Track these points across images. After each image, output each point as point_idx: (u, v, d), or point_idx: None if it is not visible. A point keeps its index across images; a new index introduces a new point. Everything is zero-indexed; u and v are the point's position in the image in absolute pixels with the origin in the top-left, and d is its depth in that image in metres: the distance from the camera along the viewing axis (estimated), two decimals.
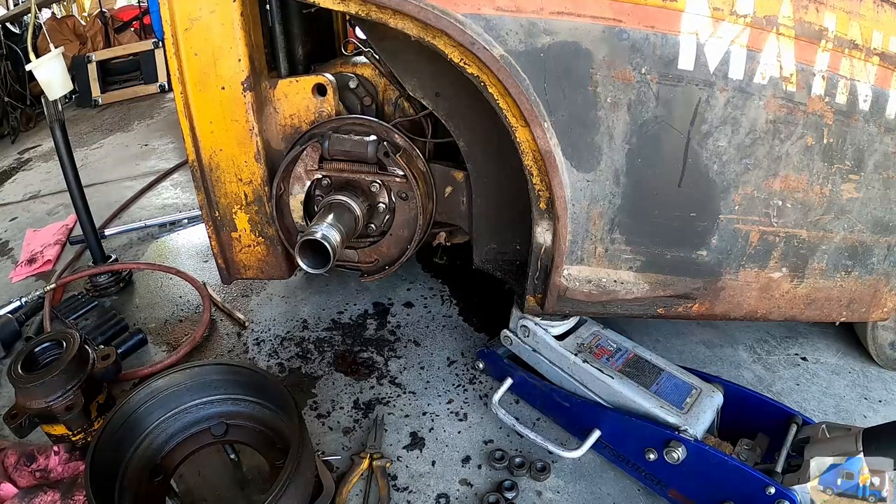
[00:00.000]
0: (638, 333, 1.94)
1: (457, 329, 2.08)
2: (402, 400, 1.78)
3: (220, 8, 1.40)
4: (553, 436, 1.61)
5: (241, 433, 1.49)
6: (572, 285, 1.42)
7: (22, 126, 4.79)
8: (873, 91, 1.26)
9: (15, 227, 3.13)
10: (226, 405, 1.50)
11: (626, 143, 1.26)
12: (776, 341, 1.98)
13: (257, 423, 1.48)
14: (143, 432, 1.43)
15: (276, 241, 1.72)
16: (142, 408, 1.42)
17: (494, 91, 1.25)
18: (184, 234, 2.86)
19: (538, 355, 1.64)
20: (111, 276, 2.39)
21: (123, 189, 3.46)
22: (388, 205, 1.67)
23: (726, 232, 1.35)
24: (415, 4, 1.18)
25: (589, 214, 1.34)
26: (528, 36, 1.18)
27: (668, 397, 1.42)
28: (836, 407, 1.73)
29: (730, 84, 1.20)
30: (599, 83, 1.21)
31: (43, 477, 1.48)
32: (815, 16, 1.19)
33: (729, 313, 1.47)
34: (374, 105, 1.70)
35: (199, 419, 1.49)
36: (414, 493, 1.50)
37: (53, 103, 2.08)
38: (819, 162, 1.30)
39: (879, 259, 1.45)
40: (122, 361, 1.67)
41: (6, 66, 4.79)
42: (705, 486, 1.33)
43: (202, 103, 1.51)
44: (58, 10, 6.50)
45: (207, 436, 1.48)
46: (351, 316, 2.16)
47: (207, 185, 1.63)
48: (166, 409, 1.46)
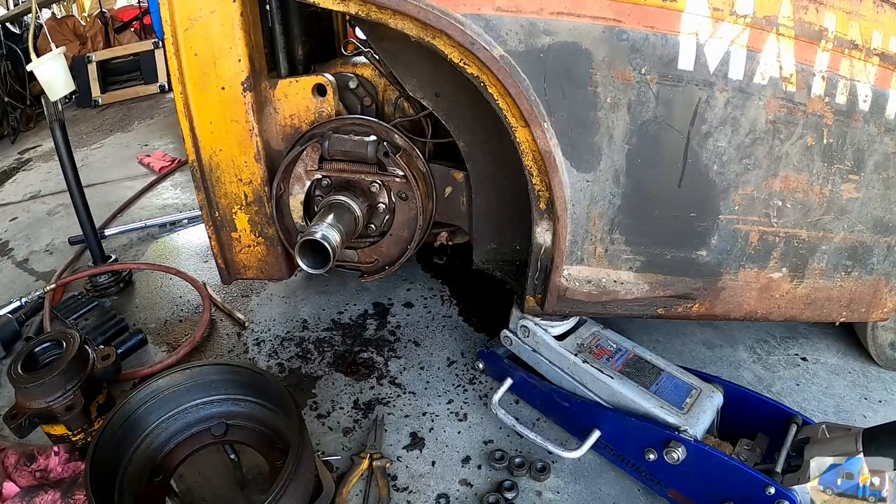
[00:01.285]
0: (638, 333, 1.93)
1: (457, 329, 2.08)
2: (402, 400, 1.78)
3: (220, 8, 1.40)
4: (553, 436, 1.61)
5: (241, 433, 1.49)
6: (572, 285, 1.42)
7: (22, 126, 4.79)
8: (873, 91, 1.26)
9: (15, 227, 3.13)
10: (226, 405, 1.50)
11: (626, 144, 1.26)
12: (776, 341, 1.98)
13: (257, 423, 1.48)
14: (143, 432, 1.43)
15: (276, 242, 1.72)
16: (142, 408, 1.42)
17: (494, 91, 1.25)
18: (184, 234, 2.86)
19: (538, 355, 1.64)
20: (111, 276, 2.39)
21: (123, 189, 3.47)
22: (388, 205, 1.67)
23: (726, 232, 1.35)
24: (414, 4, 1.18)
25: (589, 215, 1.34)
26: (528, 36, 1.18)
27: (667, 397, 1.42)
28: (836, 407, 1.73)
29: (730, 84, 1.20)
30: (599, 83, 1.21)
31: (43, 477, 1.48)
32: (814, 16, 1.19)
33: (729, 313, 1.47)
34: (374, 105, 1.70)
35: (199, 419, 1.49)
36: (414, 493, 1.50)
37: (54, 103, 2.08)
38: (819, 162, 1.30)
39: (879, 259, 1.45)
40: (122, 361, 1.67)
41: (6, 66, 4.79)
42: (705, 486, 1.33)
43: (202, 103, 1.51)
44: (58, 10, 6.50)
45: (207, 436, 1.48)
46: (351, 316, 2.16)
47: (207, 186, 1.63)
48: (166, 409, 1.45)
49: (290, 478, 1.18)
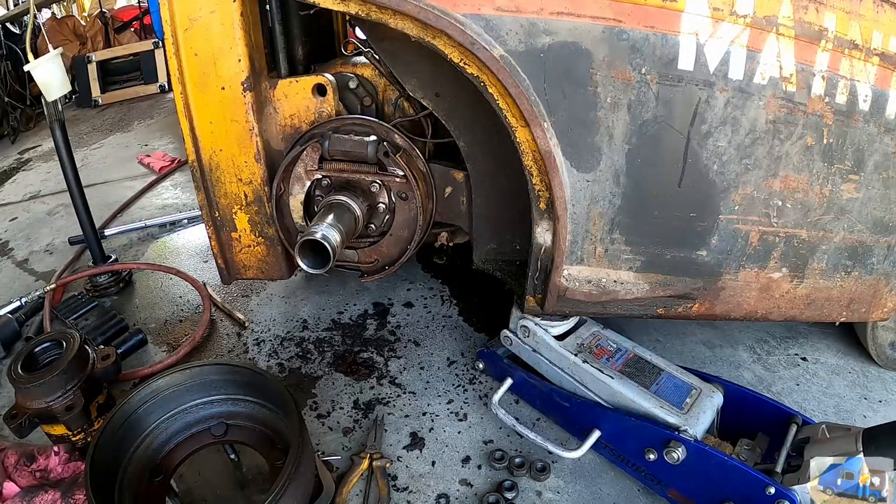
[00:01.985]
0: (638, 333, 1.94)
1: (457, 329, 2.08)
2: (402, 400, 1.78)
3: (220, 8, 1.40)
4: (553, 436, 1.61)
5: (242, 433, 1.49)
6: (572, 285, 1.42)
7: (22, 126, 4.79)
8: (873, 91, 1.26)
9: (15, 228, 3.13)
10: (226, 405, 1.50)
11: (626, 144, 1.26)
12: (776, 341, 1.98)
13: (257, 423, 1.48)
14: (143, 432, 1.43)
15: (276, 242, 1.72)
16: (142, 408, 1.42)
17: (494, 91, 1.25)
18: (184, 234, 2.86)
19: (538, 355, 1.64)
20: (111, 276, 2.39)
21: (123, 189, 3.47)
22: (388, 205, 1.67)
23: (726, 232, 1.35)
24: (415, 5, 1.18)
25: (589, 215, 1.34)
26: (528, 36, 1.18)
27: (667, 397, 1.42)
28: (836, 407, 1.73)
29: (730, 84, 1.20)
30: (599, 83, 1.21)
31: (43, 477, 1.48)
32: (814, 16, 1.19)
33: (729, 313, 1.47)
34: (374, 105, 1.70)
35: (199, 419, 1.49)
36: (414, 493, 1.50)
37: (53, 103, 2.08)
38: (819, 162, 1.30)
39: (879, 259, 1.45)
40: (122, 361, 1.66)
41: (6, 66, 4.79)
42: (705, 486, 1.33)
43: (202, 103, 1.51)
44: (58, 10, 6.50)
45: (207, 436, 1.48)
46: (351, 316, 2.16)
47: (207, 186, 1.63)
48: (166, 409, 1.45)
49: (290, 478, 1.18)
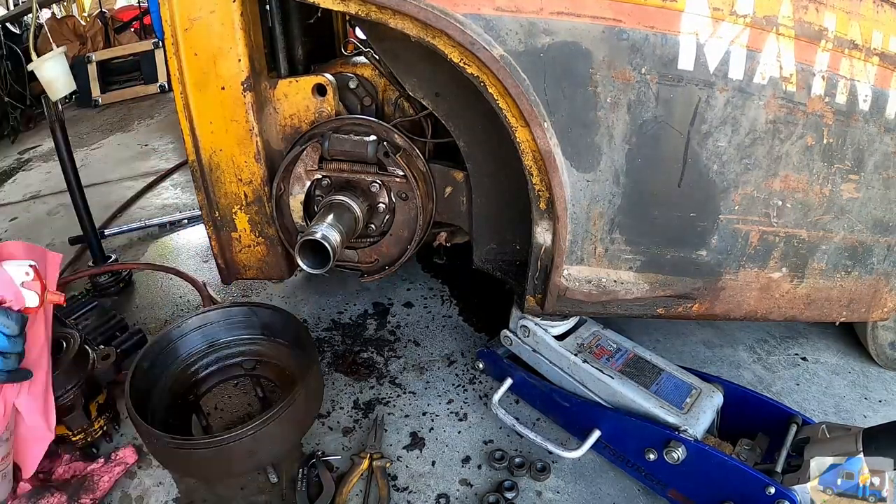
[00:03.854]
0: (638, 333, 1.93)
1: (457, 329, 2.08)
2: (402, 400, 1.78)
3: (220, 8, 1.40)
4: (553, 436, 1.61)
5: (268, 370, 1.77)
6: (572, 285, 1.42)
7: (22, 126, 4.79)
8: (873, 91, 1.26)
9: (15, 228, 3.13)
10: (255, 345, 1.80)
11: (626, 143, 1.26)
12: (776, 341, 1.98)
13: (281, 362, 1.77)
14: (179, 357, 1.72)
15: (276, 242, 1.72)
16: (189, 335, 1.73)
17: (494, 91, 1.25)
18: (184, 234, 2.86)
19: (538, 355, 1.64)
20: (111, 276, 2.39)
21: (123, 189, 3.46)
22: (388, 205, 1.67)
23: (726, 232, 1.35)
24: (414, 4, 1.18)
25: (589, 214, 1.34)
26: (528, 36, 1.18)
27: (667, 397, 1.42)
28: (836, 407, 1.73)
29: (730, 84, 1.20)
30: (599, 83, 1.21)
31: (45, 479, 1.48)
32: (814, 16, 1.19)
33: (729, 313, 1.47)
34: (374, 105, 1.70)
35: (231, 354, 1.79)
36: (414, 493, 1.50)
37: (54, 103, 2.08)
38: (819, 162, 1.30)
39: (879, 259, 1.45)
40: (122, 361, 1.67)
41: (6, 66, 4.79)
42: (705, 486, 1.33)
43: (202, 103, 1.51)
44: (58, 10, 6.50)
45: (238, 368, 1.79)
46: (351, 316, 2.16)
47: (207, 186, 1.63)
48: (205, 341, 1.76)
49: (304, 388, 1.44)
